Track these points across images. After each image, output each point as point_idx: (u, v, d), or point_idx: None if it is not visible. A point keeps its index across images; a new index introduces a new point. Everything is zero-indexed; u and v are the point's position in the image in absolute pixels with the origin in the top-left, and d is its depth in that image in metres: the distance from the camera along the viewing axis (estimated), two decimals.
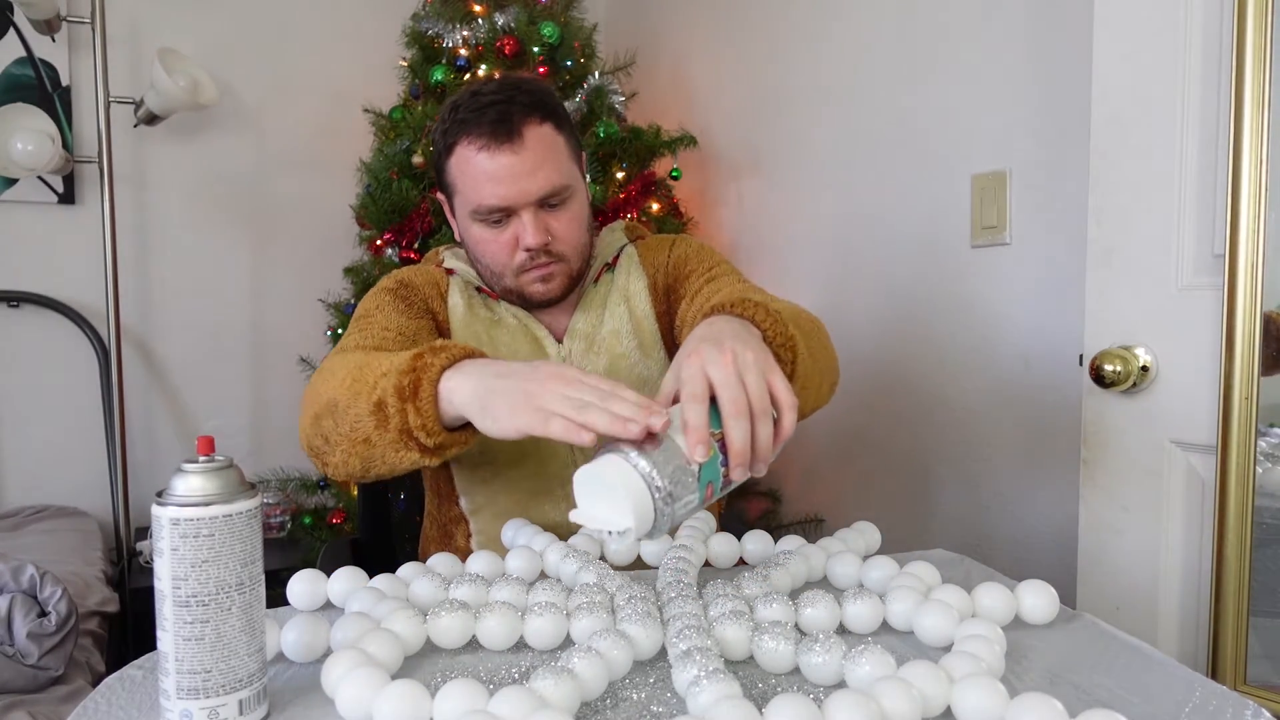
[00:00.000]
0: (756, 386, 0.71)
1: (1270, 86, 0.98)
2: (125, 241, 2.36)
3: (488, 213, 1.02)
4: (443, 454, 0.83)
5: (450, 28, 2.11)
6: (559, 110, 1.04)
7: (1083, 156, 1.21)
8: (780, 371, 0.75)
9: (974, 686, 0.59)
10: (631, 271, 1.15)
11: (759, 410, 0.71)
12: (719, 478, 0.70)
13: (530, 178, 1.00)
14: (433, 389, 0.79)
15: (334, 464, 0.89)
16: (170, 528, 0.58)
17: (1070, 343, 1.36)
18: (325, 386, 0.89)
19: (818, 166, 1.98)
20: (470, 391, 0.78)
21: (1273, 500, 1.04)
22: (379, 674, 0.61)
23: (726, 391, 0.70)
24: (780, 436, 0.73)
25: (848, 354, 1.91)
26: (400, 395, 0.80)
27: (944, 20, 1.60)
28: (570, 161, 1.05)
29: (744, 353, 0.73)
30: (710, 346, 0.73)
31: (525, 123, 0.99)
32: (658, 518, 0.67)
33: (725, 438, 0.69)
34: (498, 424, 0.75)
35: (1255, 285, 0.99)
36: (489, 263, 1.07)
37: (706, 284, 1.07)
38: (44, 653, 1.30)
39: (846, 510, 1.95)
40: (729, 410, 0.69)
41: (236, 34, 2.51)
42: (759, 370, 0.72)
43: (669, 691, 0.65)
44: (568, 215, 1.05)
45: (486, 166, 0.99)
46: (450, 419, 0.81)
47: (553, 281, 1.06)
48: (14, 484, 2.33)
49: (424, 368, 0.80)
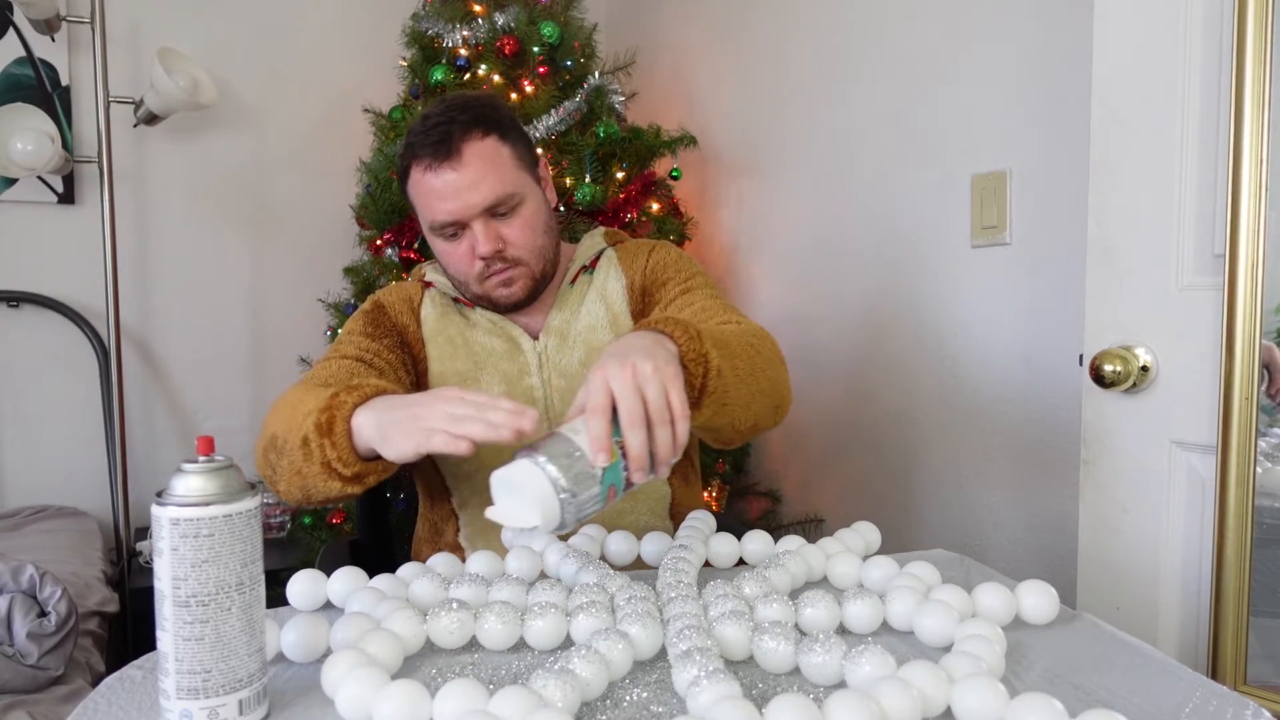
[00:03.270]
0: (655, 398, 0.77)
1: (1270, 86, 0.98)
2: (125, 241, 2.35)
3: (441, 227, 1.09)
4: (362, 482, 0.90)
5: (450, 28, 2.11)
6: (503, 122, 1.10)
7: (1083, 156, 1.21)
8: (680, 385, 0.80)
9: (974, 686, 0.59)
10: (610, 272, 1.20)
11: (656, 420, 0.77)
12: (620, 480, 0.77)
13: (473, 190, 1.06)
14: (345, 425, 0.87)
15: (281, 492, 0.97)
16: (170, 528, 0.58)
17: (1070, 343, 1.36)
18: (273, 419, 0.97)
19: (818, 166, 1.98)
20: (374, 424, 0.86)
21: (1273, 500, 1.04)
22: (379, 674, 0.61)
23: (624, 403, 0.76)
24: (676, 444, 0.79)
25: (847, 353, 1.92)
26: (320, 431, 0.88)
27: (944, 20, 1.60)
28: (518, 170, 1.10)
29: (643, 365, 0.78)
30: (614, 361, 0.79)
31: (465, 139, 1.06)
32: (563, 515, 0.73)
33: (625, 445, 0.76)
34: (395, 448, 0.84)
35: (1255, 285, 0.99)
36: (454, 273, 1.14)
37: (681, 294, 1.13)
38: (44, 653, 1.30)
39: (846, 510, 1.95)
40: (625, 421, 0.76)
41: (236, 34, 2.51)
42: (659, 382, 0.78)
43: (669, 691, 0.65)
44: (519, 221, 1.10)
45: (434, 184, 1.07)
46: (363, 451, 0.88)
47: (514, 285, 1.12)
48: (14, 484, 2.33)
49: (338, 406, 0.88)
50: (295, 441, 0.90)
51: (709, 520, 1.01)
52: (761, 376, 0.97)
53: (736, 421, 0.94)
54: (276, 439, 0.94)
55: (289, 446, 0.91)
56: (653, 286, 1.17)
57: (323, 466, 0.88)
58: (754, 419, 0.97)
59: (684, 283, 1.15)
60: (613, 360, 0.79)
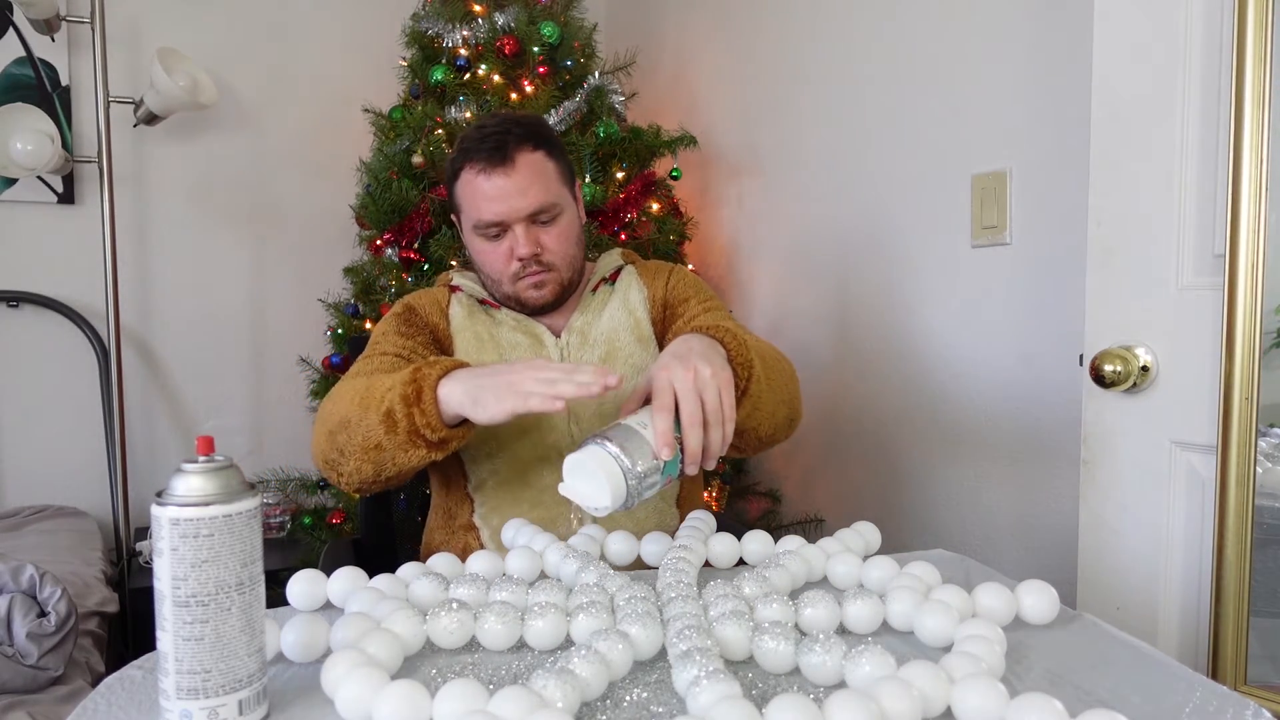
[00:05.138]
0: (713, 401, 0.88)
1: (1270, 86, 0.98)
2: (125, 241, 2.35)
3: (486, 227, 1.17)
4: (445, 447, 0.99)
5: (450, 28, 2.11)
6: (551, 140, 1.20)
7: (1083, 156, 1.21)
8: (731, 389, 0.91)
9: (974, 687, 0.59)
10: (632, 284, 1.29)
11: (713, 420, 0.88)
12: (676, 471, 0.87)
13: (521, 196, 1.15)
14: (433, 393, 0.96)
15: (347, 473, 1.04)
16: (170, 528, 0.58)
17: (1070, 343, 1.36)
18: (337, 408, 1.05)
19: (818, 166, 1.98)
20: (462, 391, 0.94)
21: (1273, 500, 1.04)
22: (379, 674, 0.61)
23: (686, 404, 0.87)
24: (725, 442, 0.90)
25: (847, 353, 1.92)
26: (406, 402, 0.96)
27: (944, 20, 1.60)
28: (560, 184, 1.20)
29: (704, 369, 0.89)
30: (678, 363, 0.89)
31: (518, 150, 1.15)
32: (628, 498, 0.83)
33: (683, 441, 0.86)
34: (487, 411, 0.92)
35: (1255, 285, 0.99)
36: (489, 271, 1.22)
37: (704, 312, 1.23)
38: (43, 653, 1.30)
39: (846, 510, 1.95)
40: (687, 420, 0.87)
41: (236, 34, 2.51)
42: (716, 386, 0.89)
43: (669, 691, 0.65)
44: (556, 230, 1.19)
45: (484, 187, 1.15)
46: (448, 418, 0.96)
47: (545, 288, 1.20)
48: (14, 484, 2.33)
49: (423, 378, 0.96)
50: (375, 417, 0.97)
51: (709, 520, 1.01)
52: (784, 389, 1.08)
53: (761, 427, 1.04)
54: (348, 420, 1.01)
55: (365, 424, 0.99)
56: (675, 302, 1.27)
57: (409, 435, 0.96)
58: (774, 427, 1.07)
59: (704, 302, 1.25)
60: (676, 362, 0.89)
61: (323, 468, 1.07)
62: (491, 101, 2.02)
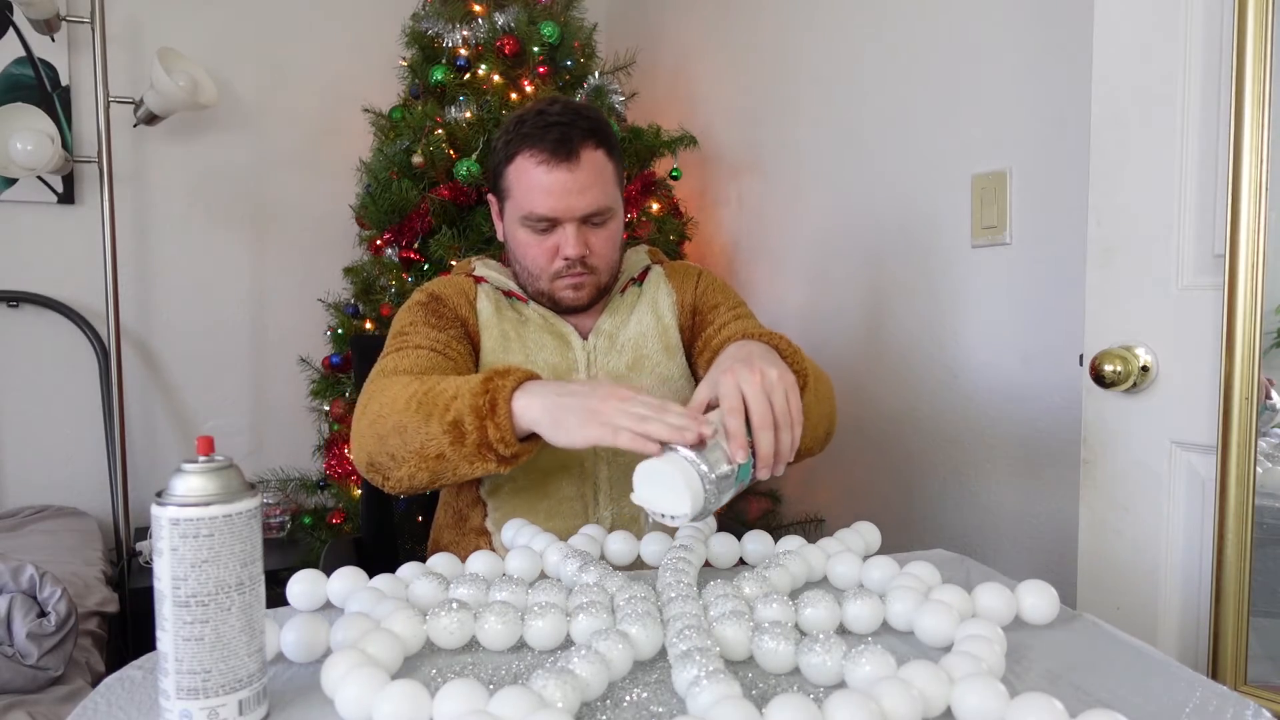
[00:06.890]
0: (781, 403, 0.86)
1: (1270, 86, 0.98)
2: (125, 241, 2.36)
3: (536, 220, 1.13)
4: (515, 462, 0.94)
5: (450, 28, 2.11)
6: (613, 139, 1.16)
7: (1083, 156, 1.21)
8: (797, 392, 0.89)
9: (974, 687, 0.59)
10: (660, 287, 1.26)
11: (782, 423, 0.86)
12: (749, 476, 0.85)
13: (580, 195, 1.11)
14: (507, 406, 0.91)
15: (398, 477, 0.99)
16: (170, 528, 0.58)
17: (1070, 343, 1.36)
18: (389, 411, 0.98)
19: (818, 166, 1.98)
20: (540, 408, 0.89)
21: (1273, 500, 1.04)
22: (379, 674, 0.61)
23: (756, 406, 0.84)
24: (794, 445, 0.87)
25: (847, 353, 1.92)
26: (478, 414, 0.91)
27: (944, 20, 1.60)
28: (615, 186, 1.16)
29: (770, 372, 0.87)
30: (744, 367, 0.87)
31: (583, 145, 1.10)
32: (706, 504, 0.81)
33: (755, 444, 0.84)
34: (569, 435, 0.87)
35: (1255, 285, 0.99)
36: (529, 265, 1.17)
37: (735, 319, 1.20)
38: (43, 653, 1.30)
39: (846, 510, 1.95)
40: (757, 423, 0.84)
41: (236, 34, 2.51)
42: (783, 388, 0.87)
43: (669, 691, 0.65)
44: (605, 234, 1.16)
45: (542, 179, 1.10)
46: (519, 432, 0.92)
47: (582, 290, 1.17)
48: (14, 484, 2.33)
49: (497, 389, 0.91)
50: (439, 427, 0.93)
51: (709, 520, 1.01)
52: (827, 402, 1.08)
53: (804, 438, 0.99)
54: (404, 426, 0.96)
55: (427, 432, 0.94)
56: (704, 307, 1.24)
57: (478, 448, 0.92)
58: (814, 439, 1.05)
59: (734, 309, 1.23)
60: (742, 366, 0.87)
61: (365, 469, 1.02)
62: (491, 101, 2.02)
